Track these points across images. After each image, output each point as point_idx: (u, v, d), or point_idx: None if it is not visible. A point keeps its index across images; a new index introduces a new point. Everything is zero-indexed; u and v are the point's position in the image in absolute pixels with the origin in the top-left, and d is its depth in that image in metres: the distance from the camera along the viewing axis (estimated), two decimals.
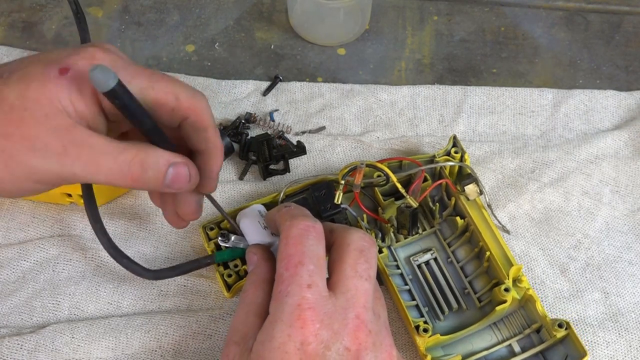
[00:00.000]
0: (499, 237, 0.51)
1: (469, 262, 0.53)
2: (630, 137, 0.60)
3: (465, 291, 0.52)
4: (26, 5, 0.68)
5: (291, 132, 0.60)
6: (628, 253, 0.55)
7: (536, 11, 0.69)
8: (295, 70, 0.65)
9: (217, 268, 0.52)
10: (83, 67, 0.38)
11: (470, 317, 0.51)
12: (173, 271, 0.51)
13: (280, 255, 0.41)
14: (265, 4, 0.69)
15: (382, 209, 0.54)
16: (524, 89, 0.63)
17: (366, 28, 0.67)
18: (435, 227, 0.54)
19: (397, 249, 0.54)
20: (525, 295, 0.49)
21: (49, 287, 0.53)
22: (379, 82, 0.64)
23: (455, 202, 0.54)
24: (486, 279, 0.52)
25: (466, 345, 0.50)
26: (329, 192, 0.53)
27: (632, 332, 0.52)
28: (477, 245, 0.52)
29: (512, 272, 0.49)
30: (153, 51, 0.66)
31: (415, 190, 0.52)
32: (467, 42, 0.67)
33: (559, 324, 0.48)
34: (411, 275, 0.53)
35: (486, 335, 0.50)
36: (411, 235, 0.54)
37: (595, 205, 0.57)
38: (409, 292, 0.52)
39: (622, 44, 0.67)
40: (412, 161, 0.54)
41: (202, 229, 0.53)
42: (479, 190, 0.53)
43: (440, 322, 0.51)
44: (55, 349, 0.50)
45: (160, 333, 0.51)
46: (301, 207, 0.46)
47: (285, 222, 0.42)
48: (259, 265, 0.45)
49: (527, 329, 0.50)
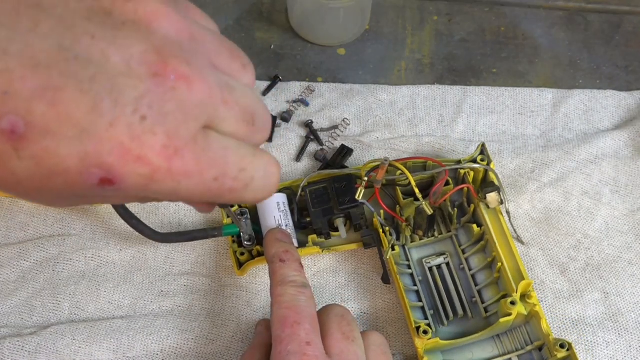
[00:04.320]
0: (514, 249, 0.51)
1: (480, 271, 0.53)
2: (630, 137, 0.60)
3: (473, 299, 0.52)
4: None
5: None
6: (628, 253, 0.55)
7: (536, 11, 0.69)
8: (295, 70, 0.65)
9: (231, 245, 0.53)
10: None
11: (474, 326, 0.50)
12: (181, 236, 0.52)
13: (274, 319, 0.41)
14: (265, 4, 0.69)
15: (401, 207, 0.54)
16: (524, 89, 0.63)
17: (366, 28, 0.67)
18: (452, 232, 0.54)
19: (411, 249, 0.54)
20: (532, 312, 0.49)
21: (49, 287, 0.53)
22: (379, 82, 0.64)
23: (475, 210, 0.53)
24: (496, 289, 0.51)
25: (466, 353, 0.49)
26: (349, 185, 0.53)
27: (632, 332, 0.52)
28: (491, 255, 0.52)
29: (521, 286, 0.49)
30: None
31: (436, 192, 0.52)
32: (467, 42, 0.67)
33: (561, 344, 0.47)
34: (421, 276, 0.53)
35: (487, 346, 0.50)
36: (427, 237, 0.54)
37: (595, 205, 0.57)
38: (416, 293, 0.52)
39: (622, 44, 0.67)
40: (437, 162, 0.54)
41: None
42: (501, 200, 0.52)
43: (444, 327, 0.51)
44: (56, 351, 0.50)
45: (162, 336, 0.51)
46: (295, 263, 0.45)
47: (277, 286, 0.43)
48: (261, 333, 0.45)
49: (529, 346, 0.49)
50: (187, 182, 0.28)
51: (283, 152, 0.60)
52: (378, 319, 0.53)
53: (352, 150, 0.59)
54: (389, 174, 0.52)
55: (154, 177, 0.27)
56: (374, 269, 0.54)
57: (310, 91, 0.63)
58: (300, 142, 0.60)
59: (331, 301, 0.53)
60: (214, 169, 0.29)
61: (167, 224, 0.56)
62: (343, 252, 0.55)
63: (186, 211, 0.57)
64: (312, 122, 0.61)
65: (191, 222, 0.56)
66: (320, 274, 0.54)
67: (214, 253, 0.55)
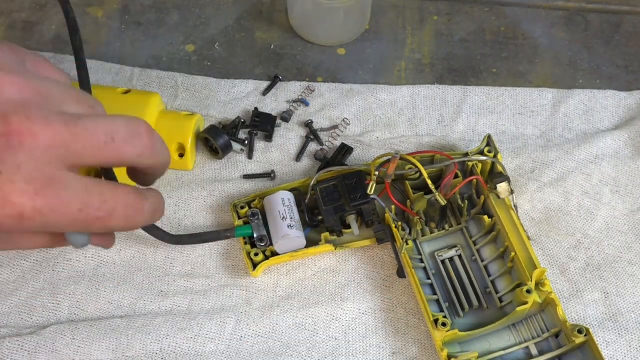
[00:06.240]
0: (525, 239, 0.51)
1: (493, 262, 0.53)
2: (630, 137, 0.60)
3: (487, 290, 0.52)
4: (26, 5, 0.68)
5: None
6: (628, 253, 0.55)
7: (536, 11, 0.69)
8: (295, 70, 0.65)
9: (243, 246, 0.53)
10: None
11: (490, 316, 0.51)
12: (193, 238, 0.53)
13: None
14: (265, 4, 0.69)
15: (412, 202, 0.54)
16: (524, 89, 0.63)
17: (366, 28, 0.67)
18: (462, 224, 0.55)
19: (423, 243, 0.54)
20: (547, 299, 0.49)
21: (49, 286, 0.53)
22: (379, 82, 0.64)
23: (484, 201, 0.54)
24: (509, 279, 0.52)
25: (483, 344, 0.50)
26: (360, 182, 0.53)
27: (632, 332, 0.52)
28: (503, 246, 0.52)
29: (535, 274, 0.49)
30: (153, 51, 0.66)
31: (446, 185, 0.52)
32: (467, 42, 0.67)
33: (578, 330, 0.48)
34: (434, 270, 0.53)
35: (505, 336, 0.50)
36: (439, 229, 0.54)
37: (595, 205, 0.57)
38: (430, 287, 0.52)
39: (622, 44, 0.67)
40: (445, 155, 0.54)
41: (233, 207, 0.54)
42: (511, 190, 0.53)
43: (460, 319, 0.51)
44: (55, 350, 0.50)
45: (162, 335, 0.51)
46: None
47: None
48: None
49: (546, 333, 0.50)
50: (54, 215, 0.34)
51: (283, 152, 0.60)
52: (378, 320, 0.53)
53: (353, 149, 0.59)
54: (398, 168, 0.52)
55: (23, 216, 0.33)
56: (374, 268, 0.54)
57: (310, 91, 0.63)
58: (300, 142, 0.60)
59: (331, 302, 0.53)
60: (76, 202, 0.34)
61: (176, 227, 0.56)
62: (343, 252, 0.55)
63: (185, 211, 0.57)
64: (312, 122, 0.61)
65: (192, 223, 0.57)
66: (320, 274, 0.54)
67: (214, 253, 0.55)
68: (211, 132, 0.58)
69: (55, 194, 0.34)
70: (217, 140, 0.57)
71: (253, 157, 0.59)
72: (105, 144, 0.35)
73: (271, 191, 0.54)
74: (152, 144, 0.37)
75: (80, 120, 0.34)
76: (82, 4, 0.68)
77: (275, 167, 0.59)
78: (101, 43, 0.66)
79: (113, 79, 0.63)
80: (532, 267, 0.50)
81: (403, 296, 0.53)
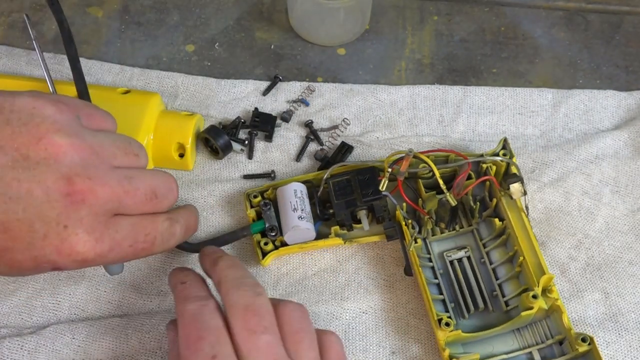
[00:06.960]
0: (535, 243, 0.51)
1: (501, 265, 0.53)
2: (630, 137, 0.60)
3: (493, 293, 0.52)
4: (26, 5, 0.68)
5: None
6: (628, 253, 0.55)
7: (536, 11, 0.69)
8: (295, 70, 0.65)
9: (253, 235, 0.54)
10: None
11: (494, 319, 0.51)
12: (213, 242, 0.54)
13: (179, 338, 0.41)
14: (265, 4, 0.69)
15: (423, 200, 0.54)
16: (524, 89, 0.63)
17: (366, 28, 0.67)
18: (473, 226, 0.54)
19: (432, 243, 0.54)
20: (553, 306, 0.49)
21: (49, 286, 0.53)
22: (379, 82, 0.64)
23: (497, 204, 0.54)
24: (516, 283, 0.52)
25: (486, 347, 0.50)
26: (372, 178, 0.53)
27: (632, 332, 0.52)
28: (512, 249, 0.52)
29: (543, 280, 0.49)
30: (153, 51, 0.66)
31: (458, 185, 0.52)
32: (467, 42, 0.67)
33: (582, 338, 0.48)
34: (442, 270, 0.53)
35: (508, 340, 0.50)
36: (449, 229, 0.54)
37: (595, 205, 0.57)
38: (437, 286, 0.52)
39: (622, 44, 0.67)
40: (460, 155, 0.54)
41: (246, 196, 0.54)
42: (524, 190, 0.53)
43: (464, 320, 0.51)
44: (55, 350, 0.50)
45: (161, 333, 0.51)
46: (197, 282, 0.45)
47: (178, 305, 0.43)
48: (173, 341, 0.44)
49: (550, 339, 0.50)
50: (111, 254, 0.41)
51: (283, 152, 0.60)
52: (378, 319, 0.53)
53: (353, 148, 0.59)
54: (411, 166, 0.53)
55: (86, 260, 0.40)
56: (374, 268, 0.54)
57: (310, 91, 0.63)
58: (300, 142, 0.60)
59: (331, 301, 0.53)
60: (127, 240, 0.42)
61: None
62: (343, 252, 0.55)
63: None
64: (312, 122, 0.61)
65: None
66: (320, 273, 0.54)
67: None
68: (211, 132, 0.58)
69: (111, 237, 0.41)
70: (217, 140, 0.57)
71: (253, 157, 0.59)
72: (150, 200, 0.43)
73: (284, 182, 0.55)
74: (178, 195, 0.47)
75: (131, 179, 0.42)
76: (82, 4, 0.68)
77: (275, 167, 0.59)
78: (101, 43, 0.66)
79: (113, 79, 0.63)
80: (540, 272, 0.50)
81: (404, 296, 0.53)
